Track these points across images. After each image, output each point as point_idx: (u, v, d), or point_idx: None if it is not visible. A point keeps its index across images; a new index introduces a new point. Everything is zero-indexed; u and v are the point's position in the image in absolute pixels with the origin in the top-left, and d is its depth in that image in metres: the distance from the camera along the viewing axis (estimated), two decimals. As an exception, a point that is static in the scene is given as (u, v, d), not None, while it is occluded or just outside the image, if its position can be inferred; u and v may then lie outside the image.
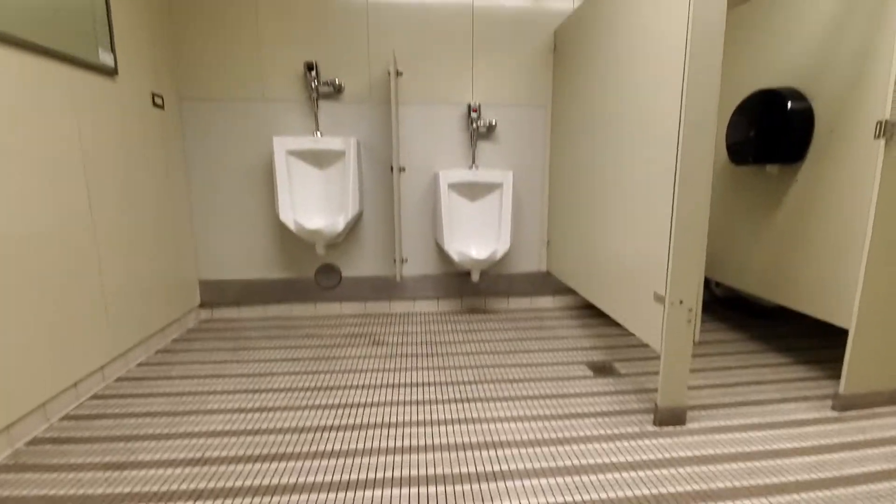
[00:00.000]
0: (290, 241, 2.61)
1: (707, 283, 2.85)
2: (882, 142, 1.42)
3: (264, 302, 2.65)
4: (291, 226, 2.29)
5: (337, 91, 2.49)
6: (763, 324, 2.49)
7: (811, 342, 2.23)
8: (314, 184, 2.46)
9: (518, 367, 1.94)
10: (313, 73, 2.41)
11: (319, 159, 2.44)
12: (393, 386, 1.76)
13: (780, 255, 1.95)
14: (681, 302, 1.41)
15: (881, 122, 1.44)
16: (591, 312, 2.72)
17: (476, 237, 2.57)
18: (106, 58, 1.79)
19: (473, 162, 2.63)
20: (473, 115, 2.54)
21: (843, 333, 2.25)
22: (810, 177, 1.80)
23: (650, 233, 1.54)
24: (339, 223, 2.31)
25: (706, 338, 2.29)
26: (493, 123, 2.57)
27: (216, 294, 2.61)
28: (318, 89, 2.46)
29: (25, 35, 1.40)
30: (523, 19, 2.54)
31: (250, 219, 2.57)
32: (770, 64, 2.00)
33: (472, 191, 2.58)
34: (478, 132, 2.60)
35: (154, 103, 2.16)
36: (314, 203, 2.45)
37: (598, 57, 2.01)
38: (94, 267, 1.72)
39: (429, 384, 1.78)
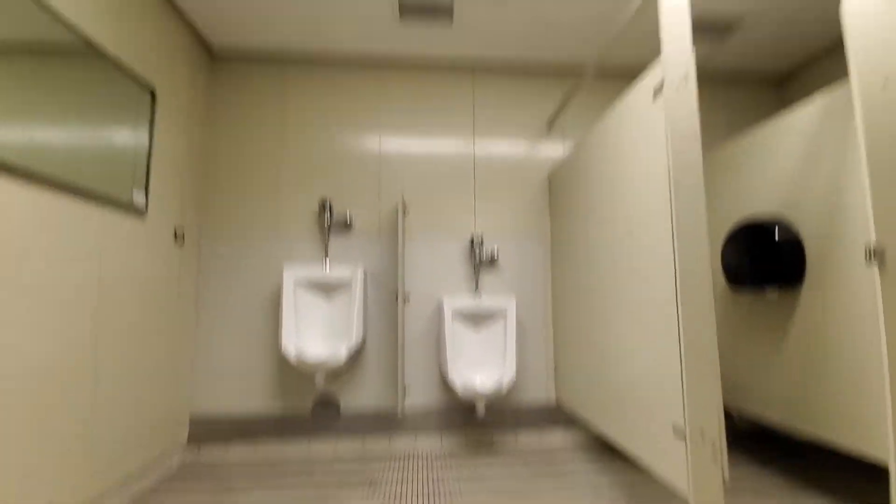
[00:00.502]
0: (290, 373, 2.54)
1: (728, 415, 2.68)
2: (875, 267, 1.47)
3: (255, 439, 2.48)
4: (292, 355, 2.25)
5: (347, 225, 2.66)
6: (796, 461, 2.28)
7: (852, 478, 2.02)
8: (320, 313, 2.48)
9: (532, 514, 1.74)
10: (327, 209, 2.60)
11: (326, 289, 2.50)
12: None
13: (798, 382, 1.87)
14: (702, 434, 1.32)
15: (869, 248, 1.50)
16: (605, 447, 2.52)
17: (481, 366, 2.51)
18: (139, 198, 1.95)
19: (477, 289, 2.68)
20: (476, 245, 2.67)
21: (883, 467, 2.04)
22: (812, 301, 1.81)
23: (660, 358, 1.51)
24: (342, 351, 2.27)
25: (736, 476, 2.08)
26: (495, 253, 2.69)
27: (205, 430, 2.46)
28: (330, 224, 2.62)
29: (67, 177, 1.56)
30: (519, 165, 2.82)
31: (252, 350, 2.54)
32: (754, 194, 2.16)
33: (476, 318, 2.58)
34: (480, 262, 2.71)
35: (176, 241, 2.29)
36: (318, 332, 2.45)
37: (589, 195, 2.19)
38: (86, 401, 1.66)
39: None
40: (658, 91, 1.48)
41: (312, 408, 2.53)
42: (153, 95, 2.06)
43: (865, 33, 1.54)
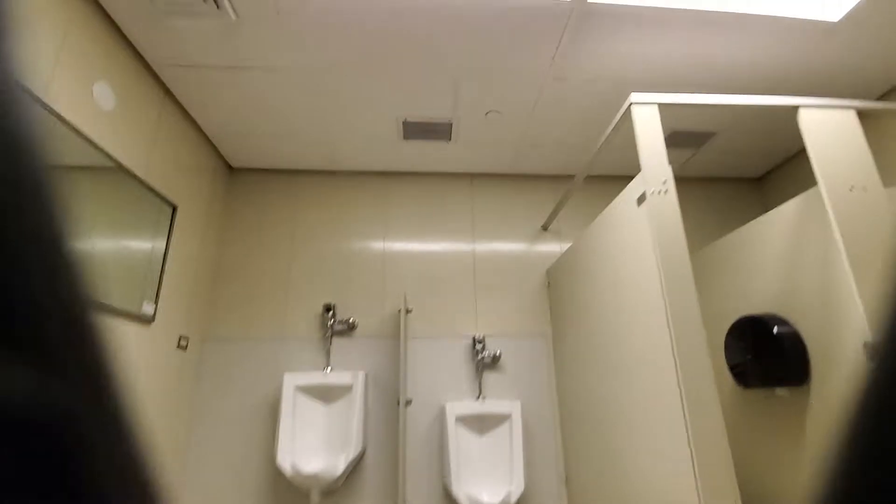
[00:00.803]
0: (285, 487, 2.39)
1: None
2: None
3: (244, 568, 2.26)
4: (287, 470, 2.14)
5: (350, 328, 2.68)
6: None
7: None
8: (318, 422, 2.40)
9: None
10: (331, 313, 2.64)
11: (327, 394, 2.45)
12: None
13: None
14: (727, 553, 1.22)
15: (867, 344, 1.50)
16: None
17: (486, 478, 2.35)
18: (147, 308, 2.01)
19: (480, 393, 2.62)
20: (478, 346, 2.66)
21: None
22: (823, 398, 1.77)
23: (673, 465, 1.44)
24: (339, 465, 2.16)
25: None
26: (498, 354, 2.67)
27: (191, 558, 2.25)
28: (334, 328, 2.64)
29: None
30: (518, 261, 2.92)
31: (247, 462, 2.42)
32: (748, 292, 2.20)
33: (481, 423, 2.49)
34: (483, 363, 2.67)
35: (179, 346, 2.31)
36: (316, 441, 2.34)
37: (586, 295, 2.23)
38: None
39: None
40: (641, 199, 1.60)
41: (307, 529, 2.33)
42: (174, 210, 2.22)
43: (825, 143, 1.70)
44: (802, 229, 1.91)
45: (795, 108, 1.73)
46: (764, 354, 1.98)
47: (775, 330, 1.93)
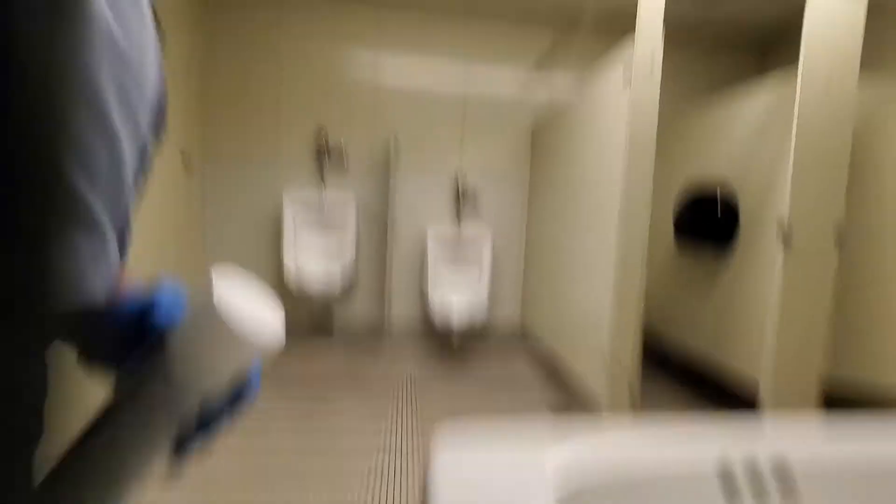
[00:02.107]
0: (288, 293, 2.86)
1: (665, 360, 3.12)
2: (781, 251, 1.73)
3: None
4: (293, 271, 2.58)
5: (342, 155, 2.86)
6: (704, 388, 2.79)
7: (736, 398, 2.53)
8: (316, 239, 2.78)
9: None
10: (323, 136, 2.78)
11: (323, 212, 2.77)
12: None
13: (717, 320, 2.29)
14: (619, 361, 1.73)
15: (782, 226, 1.75)
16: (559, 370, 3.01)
17: (457, 286, 2.89)
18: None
19: (458, 221, 2.98)
20: (460, 181, 2.92)
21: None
22: (739, 261, 2.16)
23: (598, 298, 1.87)
24: (336, 268, 2.61)
25: (648, 393, 2.57)
26: (477, 190, 2.95)
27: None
28: (327, 152, 2.81)
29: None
30: (506, 112, 2.97)
31: (254, 268, 2.86)
32: (712, 158, 2.40)
33: (456, 245, 2.92)
34: (464, 196, 2.97)
35: (183, 164, 2.48)
36: (316, 253, 2.76)
37: (564, 152, 2.41)
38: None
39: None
40: (627, 81, 1.66)
41: (309, 323, 2.92)
42: (159, 23, 2.12)
43: (820, 26, 1.68)
44: (772, 110, 2.02)
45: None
46: (704, 220, 2.30)
47: (719, 195, 2.22)
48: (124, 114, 0.30)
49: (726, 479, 0.68)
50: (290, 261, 2.62)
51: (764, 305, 1.91)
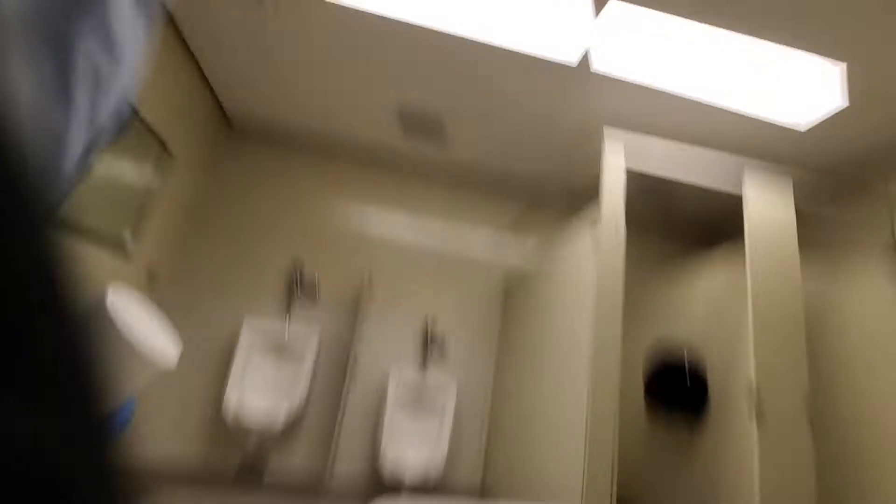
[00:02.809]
0: (223, 427, 2.53)
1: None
2: (754, 425, 1.68)
3: (169, 489, 2.45)
4: (233, 405, 2.31)
5: (314, 289, 2.84)
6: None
7: None
8: (269, 371, 2.57)
9: None
10: (298, 270, 2.79)
11: (282, 346, 2.62)
12: None
13: (697, 488, 2.08)
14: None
15: (753, 403, 1.72)
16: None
17: (415, 442, 2.60)
18: (128, 237, 2.10)
19: (424, 366, 2.85)
20: (429, 326, 2.88)
21: None
22: (713, 429, 2.06)
23: (568, 461, 1.69)
24: (281, 410, 2.35)
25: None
26: (446, 337, 2.90)
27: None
28: (299, 284, 2.79)
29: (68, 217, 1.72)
30: (481, 266, 3.13)
31: (192, 395, 2.58)
32: (679, 320, 2.47)
33: (420, 395, 2.72)
34: (432, 342, 2.89)
35: (148, 280, 2.40)
36: (263, 387, 2.52)
37: (534, 305, 2.46)
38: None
39: None
40: (594, 224, 1.81)
41: (238, 467, 2.53)
42: (163, 146, 2.27)
43: (759, 221, 1.92)
44: (727, 287, 2.18)
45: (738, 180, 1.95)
46: (675, 385, 2.27)
47: (687, 363, 2.22)
48: (88, 88, 0.31)
49: None
50: (232, 391, 2.37)
51: (743, 482, 1.77)
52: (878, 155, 2.13)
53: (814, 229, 2.12)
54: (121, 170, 1.99)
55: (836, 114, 1.90)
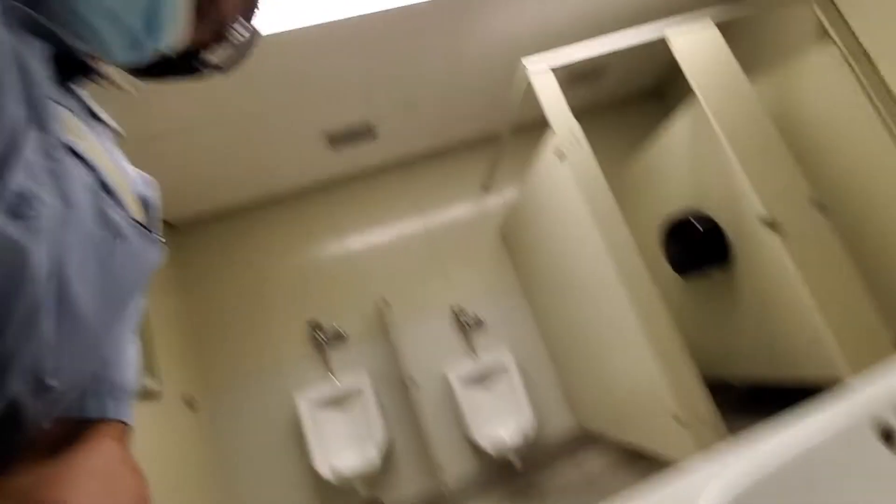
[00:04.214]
0: (330, 492, 2.60)
1: (728, 385, 2.91)
2: (776, 238, 1.75)
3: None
4: (327, 473, 2.35)
5: (340, 337, 2.85)
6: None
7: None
8: (341, 425, 2.61)
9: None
10: (317, 329, 2.80)
11: (340, 401, 2.64)
12: None
13: (754, 337, 2.16)
14: (697, 416, 1.55)
15: (763, 219, 1.80)
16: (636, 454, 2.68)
17: (502, 419, 2.66)
18: (150, 384, 2.10)
19: (474, 353, 2.89)
20: (460, 315, 2.91)
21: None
22: (747, 269, 2.13)
23: (636, 358, 1.75)
24: (373, 452, 2.39)
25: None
26: (480, 318, 2.94)
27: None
28: (326, 340, 2.80)
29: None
30: (470, 226, 3.14)
31: (284, 482, 2.61)
32: (670, 195, 2.52)
33: (482, 377, 2.77)
34: (469, 327, 2.93)
35: (189, 407, 2.40)
36: (345, 443, 2.56)
37: (538, 242, 2.50)
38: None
39: None
40: (561, 156, 1.83)
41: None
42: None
43: (697, 60, 1.95)
44: (695, 134, 2.21)
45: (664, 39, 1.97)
46: (693, 244, 2.32)
47: (698, 225, 2.27)
48: None
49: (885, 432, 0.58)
50: (319, 458, 2.40)
51: (795, 302, 1.82)
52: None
53: (741, 36, 2.16)
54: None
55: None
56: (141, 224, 0.48)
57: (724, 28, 2.01)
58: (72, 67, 0.45)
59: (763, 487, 0.55)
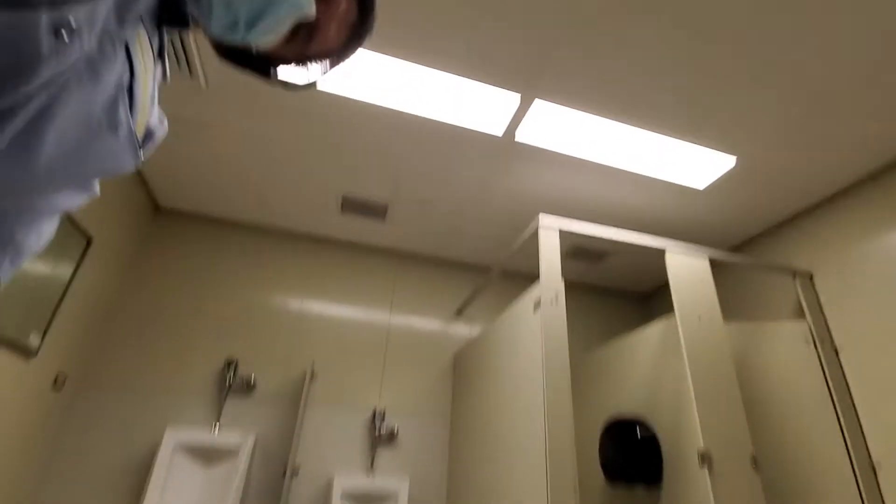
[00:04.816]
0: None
1: None
2: (705, 470, 1.73)
3: None
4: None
5: (249, 387, 2.61)
6: None
7: None
8: (194, 486, 2.25)
9: None
10: (232, 368, 2.57)
11: (209, 455, 2.32)
12: None
13: None
14: None
15: (700, 453, 1.78)
16: None
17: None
18: (34, 340, 1.88)
19: (372, 468, 2.62)
20: (378, 420, 2.69)
21: None
22: (670, 497, 2.03)
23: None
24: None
25: None
26: (396, 430, 2.72)
27: None
28: (231, 384, 2.56)
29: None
30: (430, 342, 3.07)
31: (100, 525, 2.17)
32: (622, 395, 2.51)
33: (368, 499, 2.47)
34: (380, 436, 2.69)
35: (54, 385, 2.12)
36: (185, 502, 2.19)
37: (484, 382, 2.42)
38: None
39: None
40: (537, 306, 1.86)
41: None
42: (89, 243, 2.15)
43: (683, 280, 2.10)
44: (665, 346, 2.28)
45: (663, 250, 2.15)
46: (628, 448, 2.25)
47: (639, 435, 2.23)
48: None
49: None
50: (149, 513, 2.02)
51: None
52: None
53: (729, 282, 2.33)
54: (35, 268, 1.83)
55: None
56: (135, 136, 0.53)
57: (717, 267, 2.20)
58: (173, 18, 0.55)
59: None
